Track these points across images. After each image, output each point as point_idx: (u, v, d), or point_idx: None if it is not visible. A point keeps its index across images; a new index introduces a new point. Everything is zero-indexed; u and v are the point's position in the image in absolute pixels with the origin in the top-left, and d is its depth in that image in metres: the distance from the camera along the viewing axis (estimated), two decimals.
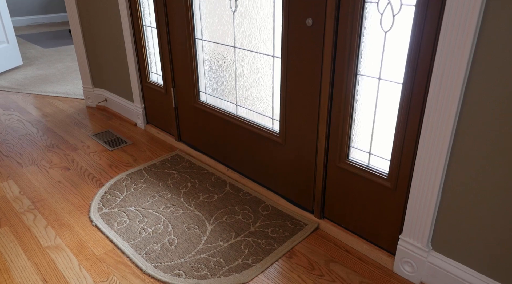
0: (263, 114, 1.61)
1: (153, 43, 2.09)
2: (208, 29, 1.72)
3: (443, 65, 0.94)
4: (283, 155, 1.55)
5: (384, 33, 1.09)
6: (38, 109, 2.66)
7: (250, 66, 1.58)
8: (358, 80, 1.19)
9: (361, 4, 1.08)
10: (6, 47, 3.44)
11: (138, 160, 1.99)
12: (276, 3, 1.37)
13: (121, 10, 2.11)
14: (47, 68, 3.59)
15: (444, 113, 0.97)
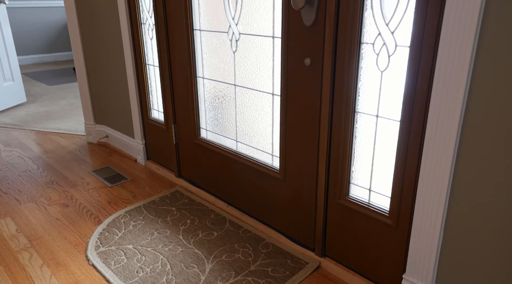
0: (263, 150, 1.62)
1: (155, 81, 2.14)
2: (209, 68, 1.76)
3: (439, 103, 0.96)
4: (283, 191, 1.54)
5: (380, 73, 1.12)
6: (40, 146, 2.67)
7: (250, 104, 1.61)
8: (357, 117, 1.21)
9: (357, 45, 1.12)
10: (11, 85, 3.52)
11: (138, 196, 1.98)
12: (275, 44, 1.41)
13: (125, 50, 2.17)
14: (50, 105, 3.64)
15: (443, 151, 0.98)
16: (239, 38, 1.56)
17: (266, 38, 1.44)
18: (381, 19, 1.07)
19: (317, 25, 1.21)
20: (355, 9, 1.09)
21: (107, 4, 2.22)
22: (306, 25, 1.23)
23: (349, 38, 1.13)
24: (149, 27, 2.03)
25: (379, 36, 1.08)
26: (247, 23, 1.50)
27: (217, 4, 1.61)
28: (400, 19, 1.03)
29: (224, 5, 1.57)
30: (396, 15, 1.04)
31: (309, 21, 1.22)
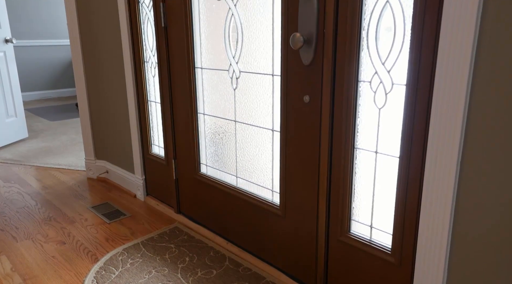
0: (263, 186, 1.61)
1: (156, 116, 2.17)
2: (210, 104, 1.79)
3: (437, 140, 0.97)
4: (284, 227, 1.52)
5: (378, 110, 1.14)
6: (39, 181, 2.66)
7: (250, 139, 1.63)
8: (356, 153, 1.22)
9: (355, 83, 1.15)
10: (14, 120, 3.56)
11: (136, 233, 1.95)
12: (275, 82, 1.45)
13: (127, 87, 2.22)
14: (52, 141, 3.66)
15: (443, 187, 0.98)
16: (239, 76, 1.60)
17: (266, 76, 1.48)
18: (377, 59, 1.10)
19: (315, 64, 1.24)
20: (352, 49, 1.13)
21: (112, 43, 2.29)
22: (305, 64, 1.27)
23: (347, 76, 1.16)
24: (152, 65, 2.08)
25: (376, 75, 1.11)
26: (247, 61, 1.54)
27: (218, 43, 1.66)
28: (396, 58, 1.06)
29: (225, 45, 1.62)
30: (391, 55, 1.07)
31: (308, 60, 1.25)
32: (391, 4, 1.05)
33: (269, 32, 1.42)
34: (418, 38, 0.98)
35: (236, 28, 1.56)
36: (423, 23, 0.96)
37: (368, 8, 1.10)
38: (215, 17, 1.65)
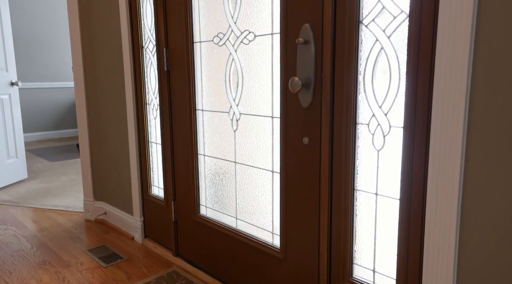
0: (263, 228, 1.59)
1: (156, 157, 2.18)
2: (210, 146, 1.81)
3: (436, 182, 0.97)
4: (284, 271, 1.48)
5: (377, 151, 1.15)
6: (36, 223, 2.63)
7: (250, 181, 1.63)
8: (356, 195, 1.22)
9: (353, 126, 1.17)
10: (14, 162, 3.56)
11: (133, 277, 1.90)
12: (274, 124, 1.47)
13: (129, 128, 2.25)
14: (51, 181, 3.65)
15: (445, 231, 0.97)
16: (239, 118, 1.63)
17: (265, 118, 1.51)
18: (374, 102, 1.13)
19: (313, 107, 1.27)
20: (349, 92, 1.16)
21: (115, 85, 2.34)
22: (304, 106, 1.29)
23: (345, 119, 1.18)
24: (154, 107, 2.12)
25: (373, 117, 1.13)
26: (248, 104, 1.58)
27: (219, 86, 1.70)
28: (392, 102, 1.09)
29: (226, 87, 1.66)
30: (388, 98, 1.10)
31: (306, 103, 1.28)
32: (385, 50, 1.09)
33: (269, 76, 1.46)
34: (413, 83, 1.01)
35: (236, 72, 1.61)
36: (417, 69, 1.00)
37: (363, 54, 1.14)
38: (216, 61, 1.70)
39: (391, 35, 1.07)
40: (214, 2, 1.65)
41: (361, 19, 1.12)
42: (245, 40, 1.53)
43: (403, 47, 1.05)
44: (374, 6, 1.09)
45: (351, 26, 1.13)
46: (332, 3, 1.16)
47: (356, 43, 1.13)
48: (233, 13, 1.57)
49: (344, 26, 1.15)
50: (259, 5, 1.46)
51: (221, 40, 1.65)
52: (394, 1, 1.05)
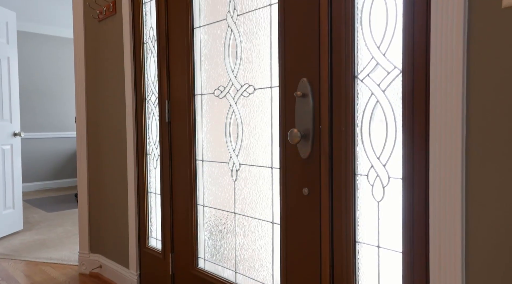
0: (263, 282, 1.54)
1: (155, 208, 2.16)
2: (209, 196, 1.80)
3: (438, 235, 0.96)
4: None
5: (377, 203, 1.15)
6: (28, 278, 2.54)
7: (250, 232, 1.60)
8: (358, 248, 1.19)
9: (352, 177, 1.17)
10: (10, 212, 3.51)
11: None
12: (274, 174, 1.48)
13: (129, 178, 2.25)
14: (47, 233, 3.58)
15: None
16: (239, 168, 1.63)
17: (265, 168, 1.51)
18: (372, 153, 1.14)
19: (313, 158, 1.28)
20: (347, 144, 1.18)
21: (117, 137, 2.38)
22: (303, 157, 1.31)
23: (344, 170, 1.19)
24: (154, 157, 2.14)
25: (372, 169, 1.14)
26: (247, 154, 1.59)
27: (219, 137, 1.73)
28: (390, 153, 1.11)
29: (226, 138, 1.69)
30: (385, 149, 1.11)
31: (305, 154, 1.30)
32: (381, 103, 1.12)
33: (268, 127, 1.49)
34: (409, 136, 1.03)
35: (236, 123, 1.64)
36: (413, 122, 1.02)
37: (360, 107, 1.17)
38: (216, 113, 1.74)
39: (386, 89, 1.11)
40: (216, 57, 1.72)
41: (357, 74, 1.17)
42: (245, 93, 1.58)
43: (398, 100, 1.08)
44: (368, 62, 1.14)
45: (347, 81, 1.17)
46: (328, 59, 1.22)
47: (352, 96, 1.17)
48: (234, 67, 1.63)
49: (341, 80, 1.19)
50: (258, 60, 1.52)
51: (221, 93, 1.70)
52: (387, 57, 1.10)
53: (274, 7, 1.44)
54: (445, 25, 0.93)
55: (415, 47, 1.02)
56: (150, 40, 2.11)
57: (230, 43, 1.65)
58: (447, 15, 0.92)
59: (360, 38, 1.17)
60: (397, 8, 1.08)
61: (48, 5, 4.94)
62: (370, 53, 1.14)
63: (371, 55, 1.14)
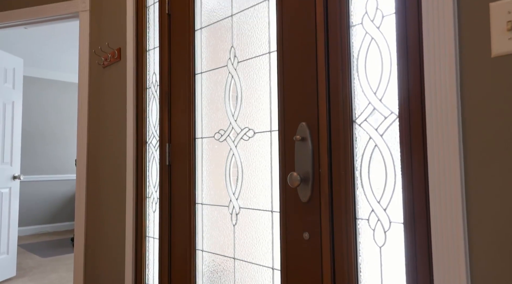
0: None
1: (153, 253, 2.11)
2: (209, 240, 1.77)
3: (443, 282, 0.94)
4: None
5: (379, 248, 1.13)
6: None
7: (250, 279, 1.56)
8: None
9: (353, 221, 1.16)
10: (4, 258, 3.43)
11: None
12: (274, 218, 1.46)
13: (127, 222, 2.22)
14: (39, 280, 3.47)
15: None
16: (239, 212, 1.62)
17: (265, 212, 1.50)
18: (372, 197, 1.14)
19: (313, 201, 1.28)
20: (347, 188, 1.18)
21: (117, 180, 2.38)
22: (303, 201, 1.30)
23: (344, 214, 1.18)
24: (154, 200, 2.12)
25: (373, 213, 1.14)
26: (247, 198, 1.59)
27: (219, 180, 1.73)
28: (390, 197, 1.11)
29: (226, 181, 1.69)
30: (385, 193, 1.12)
31: (305, 197, 1.29)
32: (379, 147, 1.14)
33: (268, 170, 1.50)
34: (409, 180, 1.04)
35: (236, 166, 1.65)
36: (411, 166, 1.03)
37: (358, 151, 1.19)
38: (217, 157, 1.76)
39: (383, 134, 1.13)
40: (216, 102, 1.77)
41: (354, 118, 1.20)
42: (245, 137, 1.60)
43: (396, 144, 1.10)
44: (366, 107, 1.17)
45: (345, 125, 1.20)
46: (326, 104, 1.25)
47: (351, 140, 1.18)
48: (234, 111, 1.67)
49: (339, 124, 1.22)
50: (258, 105, 1.56)
51: (222, 136, 1.72)
52: (384, 103, 1.13)
53: (273, 54, 1.50)
54: (438, 73, 0.96)
55: (410, 94, 1.05)
56: (152, 85, 2.17)
57: (230, 88, 1.70)
58: (440, 64, 0.96)
59: (357, 84, 1.20)
60: (391, 56, 1.13)
61: (53, 51, 5.12)
62: (367, 99, 1.17)
63: (368, 101, 1.17)
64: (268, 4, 1.53)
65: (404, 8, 1.08)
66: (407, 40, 1.07)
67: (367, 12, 1.19)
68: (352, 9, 1.23)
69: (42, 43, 4.73)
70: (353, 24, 1.22)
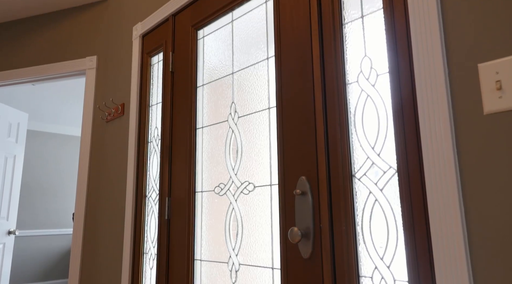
0: None
1: None
2: None
3: None
4: None
5: None
6: None
7: None
8: None
9: (356, 279, 1.13)
10: None
11: None
12: (275, 275, 1.42)
13: (123, 278, 2.14)
14: None
15: None
16: (239, 269, 1.57)
17: (266, 269, 1.46)
18: (375, 254, 1.12)
19: (314, 258, 1.25)
20: (349, 243, 1.16)
21: (114, 235, 2.33)
22: (304, 257, 1.27)
23: (347, 271, 1.15)
24: (151, 256, 2.07)
25: (376, 270, 1.11)
26: (247, 254, 1.55)
27: (218, 235, 1.70)
28: (393, 254, 1.08)
29: (226, 237, 1.66)
30: (388, 250, 1.09)
31: (307, 253, 1.27)
32: (380, 202, 1.14)
33: (268, 225, 1.48)
34: (411, 236, 1.02)
35: (236, 221, 1.63)
36: (413, 221, 1.03)
37: (359, 205, 1.18)
38: (216, 211, 1.74)
39: (383, 188, 1.13)
40: (217, 156, 1.79)
41: (354, 173, 1.21)
42: (245, 191, 1.60)
43: (396, 199, 1.10)
44: (364, 162, 1.19)
45: (345, 179, 1.20)
46: (325, 158, 1.26)
47: (351, 195, 1.18)
48: (234, 165, 1.68)
49: (338, 179, 1.22)
50: (258, 159, 1.58)
51: (222, 190, 1.72)
52: (382, 157, 1.15)
53: (272, 110, 1.55)
54: (434, 130, 0.99)
55: (408, 149, 1.07)
56: (154, 139, 2.21)
57: (231, 143, 1.73)
58: (434, 121, 0.99)
59: (355, 139, 1.23)
60: (387, 113, 1.16)
61: (56, 105, 5.24)
62: (365, 153, 1.19)
63: (366, 155, 1.19)
64: (268, 63, 1.60)
65: (397, 68, 1.13)
66: (401, 98, 1.11)
67: (362, 71, 1.24)
68: (347, 68, 1.28)
69: (46, 98, 4.87)
70: (349, 82, 1.27)
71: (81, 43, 2.81)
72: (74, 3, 2.87)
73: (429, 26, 1.03)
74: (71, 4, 2.88)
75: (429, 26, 1.03)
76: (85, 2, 2.86)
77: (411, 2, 1.08)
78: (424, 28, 1.04)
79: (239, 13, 1.79)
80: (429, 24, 1.03)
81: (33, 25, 3.03)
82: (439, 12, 1.02)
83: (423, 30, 1.04)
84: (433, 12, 1.03)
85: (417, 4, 1.07)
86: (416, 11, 1.07)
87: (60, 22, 2.93)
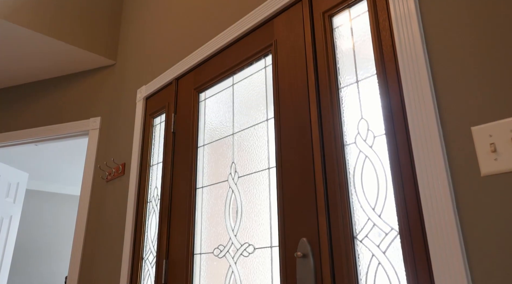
0: None
1: None
2: None
3: None
4: None
5: None
6: None
7: None
8: None
9: None
10: None
11: None
12: None
13: None
14: None
15: None
16: None
17: None
18: None
19: None
20: None
21: None
22: None
23: None
24: None
25: None
26: None
27: (217, 274, 1.63)
28: None
29: (225, 278, 1.59)
30: None
31: None
32: (383, 266, 1.11)
33: None
34: None
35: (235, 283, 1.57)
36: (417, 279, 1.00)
37: (362, 268, 1.15)
38: (215, 274, 1.68)
39: (386, 251, 1.11)
40: (216, 216, 1.76)
41: (355, 234, 1.19)
42: (245, 253, 1.56)
43: (400, 262, 1.07)
44: (365, 223, 1.18)
45: (346, 242, 1.18)
46: (326, 220, 1.25)
47: (353, 258, 1.16)
48: (234, 226, 1.66)
49: (340, 241, 1.20)
50: (258, 220, 1.56)
51: (221, 252, 1.68)
52: (383, 219, 1.14)
53: (272, 170, 1.56)
54: (433, 191, 1.00)
55: (408, 210, 1.06)
56: (153, 199, 2.19)
57: (231, 203, 1.72)
58: (433, 182, 1.00)
59: (355, 199, 1.23)
60: (386, 173, 1.17)
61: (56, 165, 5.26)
62: (366, 215, 1.19)
63: (367, 217, 1.18)
64: (267, 124, 1.65)
65: (393, 130, 1.16)
66: (399, 159, 1.12)
67: (359, 133, 1.28)
68: (345, 130, 1.32)
69: (47, 157, 4.91)
70: (347, 143, 1.30)
71: (86, 105, 2.90)
72: (81, 68, 3.01)
73: (421, 91, 1.08)
74: (78, 69, 3.02)
75: (421, 90, 1.08)
76: (92, 67, 2.99)
77: (403, 69, 1.14)
78: (416, 92, 1.09)
79: (239, 78, 1.87)
80: (421, 88, 1.08)
81: (39, 88, 3.15)
82: (429, 77, 1.08)
83: (416, 94, 1.09)
84: (424, 77, 1.08)
85: (408, 71, 1.13)
86: (408, 77, 1.12)
87: (67, 85, 3.05)
